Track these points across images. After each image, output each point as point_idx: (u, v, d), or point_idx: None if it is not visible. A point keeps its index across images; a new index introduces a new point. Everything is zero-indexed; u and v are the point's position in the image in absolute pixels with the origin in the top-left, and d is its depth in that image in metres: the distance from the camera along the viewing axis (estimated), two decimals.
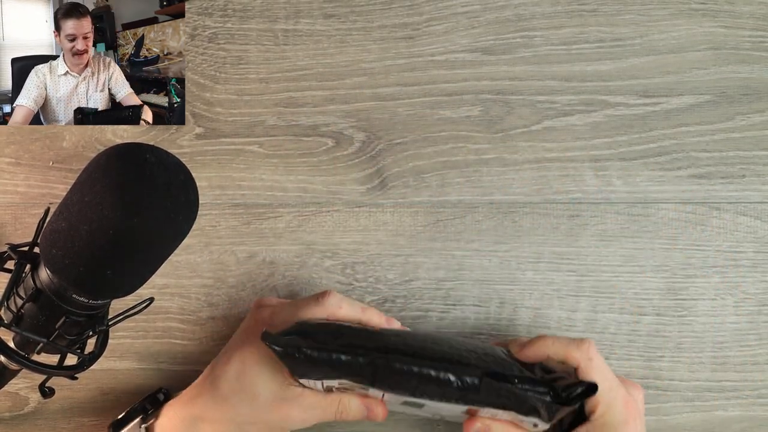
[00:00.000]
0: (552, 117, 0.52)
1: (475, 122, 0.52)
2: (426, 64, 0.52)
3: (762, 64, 0.52)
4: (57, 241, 0.35)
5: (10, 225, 0.52)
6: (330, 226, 0.52)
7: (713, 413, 0.52)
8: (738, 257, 0.52)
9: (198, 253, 0.52)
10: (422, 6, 0.52)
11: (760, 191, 0.52)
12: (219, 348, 0.50)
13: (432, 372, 0.40)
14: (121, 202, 0.34)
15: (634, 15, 0.52)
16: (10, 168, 0.52)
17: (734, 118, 0.52)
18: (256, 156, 0.52)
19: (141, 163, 0.35)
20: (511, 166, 0.52)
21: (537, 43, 0.52)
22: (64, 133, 0.53)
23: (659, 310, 0.52)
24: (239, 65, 0.52)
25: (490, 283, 0.52)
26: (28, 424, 0.53)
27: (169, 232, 0.37)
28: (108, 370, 0.53)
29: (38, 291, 0.38)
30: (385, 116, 0.52)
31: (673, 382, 0.52)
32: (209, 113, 0.52)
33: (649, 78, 0.52)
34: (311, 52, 0.52)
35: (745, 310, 0.52)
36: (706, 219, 0.52)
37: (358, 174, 0.52)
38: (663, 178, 0.52)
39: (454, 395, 0.40)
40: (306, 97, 0.52)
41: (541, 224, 0.52)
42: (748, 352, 0.52)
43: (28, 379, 0.53)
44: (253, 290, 0.53)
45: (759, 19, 0.52)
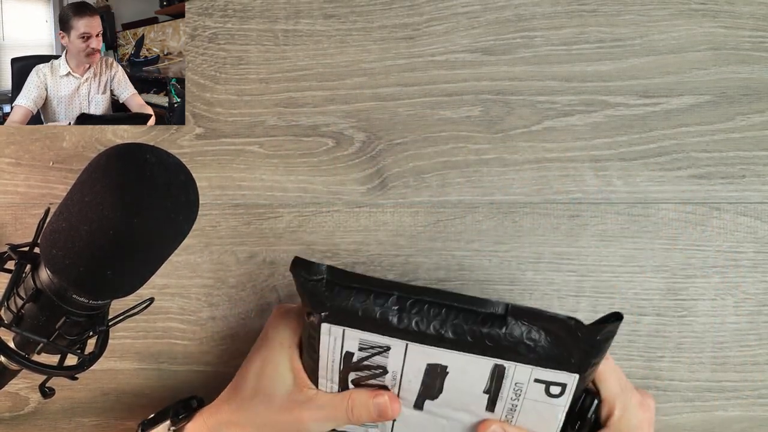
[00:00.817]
0: (552, 117, 0.52)
1: (476, 122, 0.52)
2: (426, 64, 0.52)
3: (762, 64, 0.52)
4: (57, 241, 0.35)
5: (10, 225, 0.52)
6: (330, 227, 0.52)
7: (713, 413, 0.52)
8: (738, 257, 0.52)
9: (198, 254, 0.52)
10: (422, 6, 0.52)
11: (760, 191, 0.52)
12: (219, 348, 0.51)
13: (457, 304, 0.40)
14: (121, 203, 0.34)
15: (634, 15, 0.52)
16: (10, 168, 0.52)
17: (734, 118, 0.52)
18: (256, 156, 0.52)
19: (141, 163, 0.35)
20: (512, 166, 0.52)
21: (537, 43, 0.52)
22: (64, 134, 0.53)
23: (659, 310, 0.52)
24: (239, 65, 0.52)
25: (491, 284, 0.52)
26: (28, 425, 0.53)
27: (169, 232, 0.37)
28: (108, 370, 0.53)
29: (38, 291, 0.38)
30: (385, 116, 0.52)
31: (673, 382, 0.52)
32: (209, 113, 0.52)
33: (649, 78, 0.52)
34: (311, 53, 0.52)
35: (745, 310, 0.52)
36: (706, 219, 0.52)
37: (359, 174, 0.52)
38: (663, 179, 0.52)
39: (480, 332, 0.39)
40: (306, 97, 0.52)
41: (542, 224, 0.52)
42: (748, 352, 0.52)
43: (29, 380, 0.53)
44: (253, 290, 0.53)
45: (759, 19, 0.52)
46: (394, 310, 0.40)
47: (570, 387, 0.40)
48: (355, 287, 0.40)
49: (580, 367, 0.39)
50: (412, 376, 0.42)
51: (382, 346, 0.41)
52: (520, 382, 0.40)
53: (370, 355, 0.41)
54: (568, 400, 0.40)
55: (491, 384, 0.41)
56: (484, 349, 0.40)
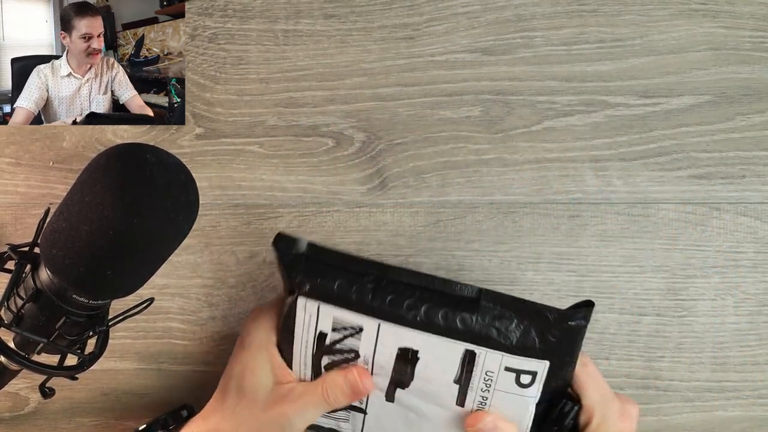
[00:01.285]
0: (552, 117, 0.52)
1: (476, 122, 0.52)
2: (426, 64, 0.52)
3: (762, 64, 0.52)
4: (57, 241, 0.35)
5: (10, 225, 0.52)
6: (330, 227, 0.52)
7: (713, 413, 0.52)
8: (738, 258, 0.52)
9: (198, 254, 0.52)
10: (422, 6, 0.52)
11: (760, 191, 0.52)
12: (219, 348, 0.51)
13: (432, 286, 0.40)
14: (121, 203, 0.34)
15: (634, 15, 0.52)
16: (10, 168, 0.52)
17: (734, 118, 0.52)
18: (256, 156, 0.52)
19: (141, 163, 0.35)
20: (512, 166, 0.52)
21: (537, 43, 0.52)
22: (64, 133, 0.53)
23: (659, 310, 0.52)
24: (239, 65, 0.52)
25: (491, 284, 0.52)
26: (28, 425, 0.53)
27: (169, 232, 0.37)
28: (108, 370, 0.53)
29: (38, 291, 0.38)
30: (385, 116, 0.52)
31: (673, 382, 0.52)
32: (209, 113, 0.52)
33: (649, 78, 0.52)
34: (311, 53, 0.52)
35: (745, 310, 0.52)
36: (706, 219, 0.52)
37: (359, 174, 0.52)
38: (663, 179, 0.52)
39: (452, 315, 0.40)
40: (306, 97, 0.52)
41: (542, 224, 0.52)
42: (748, 352, 0.52)
43: (29, 380, 0.53)
44: (253, 290, 0.53)
45: (759, 19, 0.52)
46: (369, 288, 0.41)
47: (540, 375, 0.39)
48: (334, 264, 0.41)
49: (551, 354, 0.39)
50: (384, 362, 0.42)
51: (354, 327, 0.41)
52: (490, 371, 0.40)
53: (342, 337, 0.42)
54: (538, 391, 0.40)
55: (462, 372, 0.40)
56: (455, 332, 0.40)
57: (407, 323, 0.40)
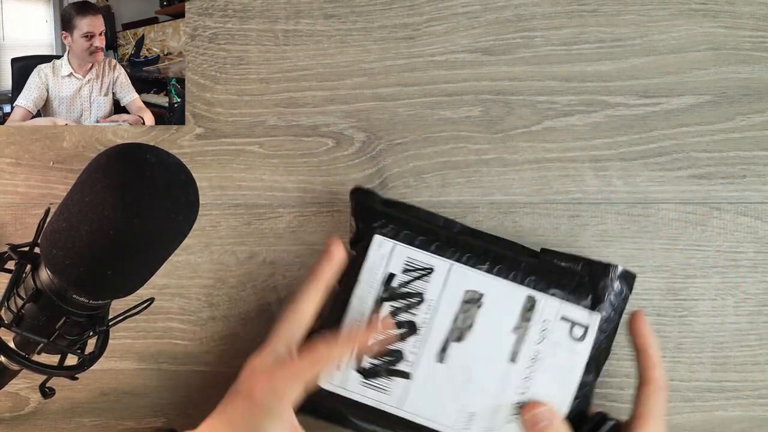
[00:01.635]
0: (552, 117, 0.52)
1: (476, 122, 0.52)
2: (426, 64, 0.52)
3: (762, 64, 0.52)
4: (57, 241, 0.35)
5: (10, 225, 0.52)
6: (331, 227, 0.52)
7: (713, 413, 0.52)
8: (738, 257, 0.52)
9: (198, 254, 0.52)
10: (422, 6, 0.52)
11: (760, 191, 0.52)
12: (219, 348, 0.51)
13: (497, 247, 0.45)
14: (121, 203, 0.34)
15: (634, 15, 0.52)
16: (10, 168, 0.52)
17: (734, 118, 0.52)
18: (256, 156, 0.52)
19: (141, 163, 0.35)
20: (512, 166, 0.52)
21: (537, 43, 0.52)
22: (64, 133, 0.53)
23: (659, 310, 0.52)
24: (239, 65, 0.52)
25: None
26: (28, 425, 0.53)
27: (169, 232, 0.37)
28: (108, 370, 0.53)
29: (39, 291, 0.38)
30: (385, 116, 0.52)
31: (673, 382, 0.52)
32: (209, 113, 0.52)
33: (649, 78, 0.52)
34: (311, 53, 0.52)
35: (745, 310, 0.52)
36: (706, 219, 0.52)
37: (359, 174, 0.52)
38: (663, 179, 0.52)
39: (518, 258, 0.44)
40: (306, 97, 0.52)
41: (542, 224, 0.52)
42: (748, 352, 0.52)
43: (29, 380, 0.53)
44: (253, 290, 0.53)
45: (759, 19, 0.52)
46: (442, 234, 0.45)
47: (592, 329, 0.43)
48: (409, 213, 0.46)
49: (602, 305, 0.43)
50: (447, 307, 0.43)
51: (426, 268, 0.43)
52: (547, 319, 0.43)
53: (411, 279, 0.43)
54: (588, 348, 0.43)
55: (521, 320, 0.43)
56: (519, 278, 0.43)
57: (477, 263, 0.44)
